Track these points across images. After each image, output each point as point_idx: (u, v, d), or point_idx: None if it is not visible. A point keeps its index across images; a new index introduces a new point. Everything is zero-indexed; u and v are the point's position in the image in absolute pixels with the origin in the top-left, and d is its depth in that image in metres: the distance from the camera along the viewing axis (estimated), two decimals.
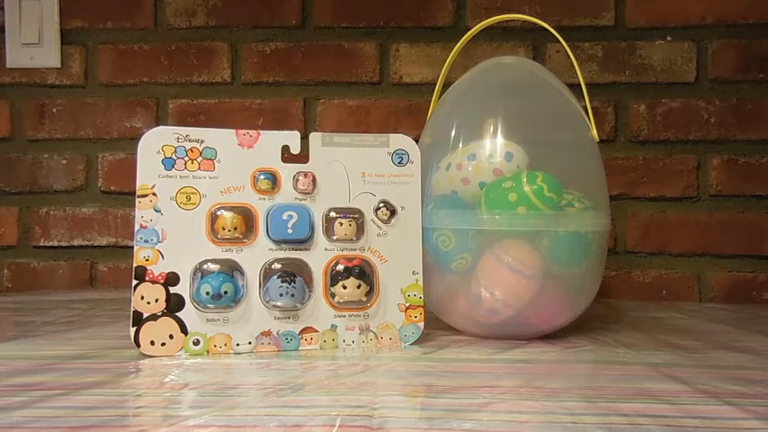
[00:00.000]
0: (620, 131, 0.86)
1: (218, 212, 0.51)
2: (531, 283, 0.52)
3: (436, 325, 0.59)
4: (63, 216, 0.90)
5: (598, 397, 0.39)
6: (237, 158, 0.52)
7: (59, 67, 0.90)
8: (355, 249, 0.53)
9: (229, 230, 0.50)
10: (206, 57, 0.89)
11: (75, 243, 0.90)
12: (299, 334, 0.51)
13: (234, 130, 0.52)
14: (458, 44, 0.62)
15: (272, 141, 0.53)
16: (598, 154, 0.58)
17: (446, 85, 0.62)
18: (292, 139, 0.53)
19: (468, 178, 0.54)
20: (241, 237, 0.51)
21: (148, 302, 0.48)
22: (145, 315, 0.48)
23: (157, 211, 0.50)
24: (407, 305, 0.54)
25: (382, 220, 0.54)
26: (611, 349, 0.52)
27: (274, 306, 0.50)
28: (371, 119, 0.88)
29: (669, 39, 0.85)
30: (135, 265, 0.49)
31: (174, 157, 0.51)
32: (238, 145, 0.52)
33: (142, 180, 0.50)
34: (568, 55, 0.58)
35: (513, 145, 0.54)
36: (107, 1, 0.89)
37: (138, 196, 0.50)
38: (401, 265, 0.54)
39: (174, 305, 0.49)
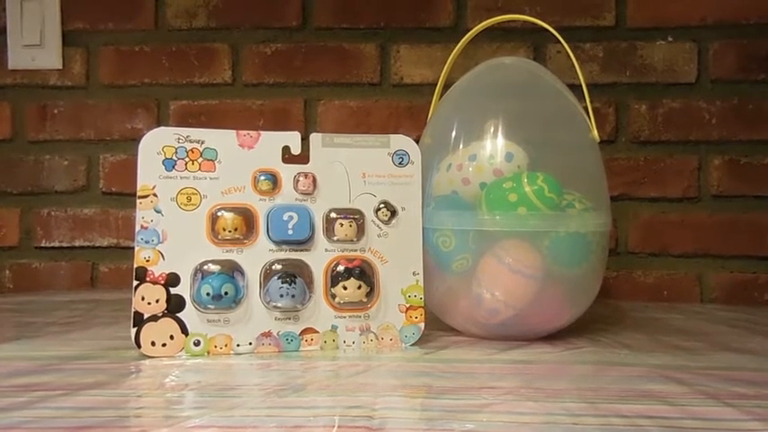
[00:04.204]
0: (620, 132, 0.86)
1: (219, 213, 0.51)
2: (532, 283, 0.52)
3: (437, 326, 0.59)
4: (64, 217, 0.90)
5: (598, 398, 0.39)
6: (238, 159, 0.52)
7: (61, 68, 0.90)
8: (356, 250, 0.53)
9: (230, 231, 0.50)
10: (207, 58, 0.89)
11: (77, 244, 0.90)
12: (299, 335, 0.51)
13: (234, 131, 0.52)
14: (458, 45, 0.62)
15: (273, 142, 0.53)
16: (599, 154, 0.58)
17: (447, 86, 0.62)
18: (293, 139, 0.53)
19: (469, 179, 0.54)
20: (241, 237, 0.51)
21: (149, 303, 0.48)
22: (145, 316, 0.48)
23: (158, 211, 0.50)
24: (408, 306, 0.54)
25: (383, 221, 0.54)
26: (612, 350, 0.52)
27: (275, 307, 0.50)
28: (372, 120, 0.88)
29: (670, 39, 0.85)
30: (136, 265, 0.49)
31: (174, 157, 0.51)
32: (239, 146, 0.52)
33: (143, 181, 0.50)
34: (569, 55, 0.58)
35: (514, 145, 0.54)
36: (108, 2, 0.89)
37: (139, 197, 0.50)
38: (402, 265, 0.54)
39: (174, 306, 0.49)
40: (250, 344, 0.50)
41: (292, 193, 0.53)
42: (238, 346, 0.50)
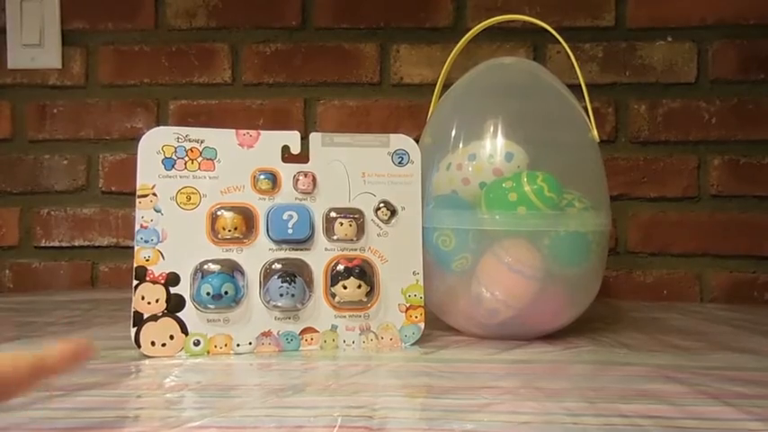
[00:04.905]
0: (620, 132, 0.86)
1: (219, 212, 0.51)
2: (532, 283, 0.52)
3: (437, 325, 0.59)
4: (64, 216, 0.90)
5: (598, 398, 0.39)
6: (238, 158, 0.52)
7: (60, 68, 0.89)
8: (356, 249, 0.53)
9: (230, 230, 0.50)
10: (207, 58, 0.89)
11: (77, 243, 0.90)
12: (299, 334, 0.51)
13: (234, 130, 0.52)
14: (458, 45, 0.62)
15: (273, 141, 0.53)
16: (598, 154, 0.58)
17: (446, 86, 0.62)
18: (292, 139, 0.53)
19: (469, 178, 0.54)
20: (241, 237, 0.51)
21: (149, 303, 0.48)
22: (145, 315, 0.48)
23: (158, 211, 0.50)
24: (408, 305, 0.54)
25: (382, 221, 0.54)
26: (612, 350, 0.52)
27: (275, 306, 0.50)
28: (372, 119, 0.88)
29: (670, 39, 0.85)
30: (135, 265, 0.49)
31: (174, 157, 0.51)
32: (238, 145, 0.52)
33: (142, 180, 0.50)
34: (569, 55, 0.58)
35: (514, 145, 0.54)
36: (108, 2, 0.89)
37: (139, 196, 0.50)
38: (401, 265, 0.54)
39: (174, 305, 0.49)
40: (250, 343, 0.50)
41: (292, 192, 0.53)
42: (238, 345, 0.50)
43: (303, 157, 0.53)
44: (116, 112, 0.90)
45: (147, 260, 0.49)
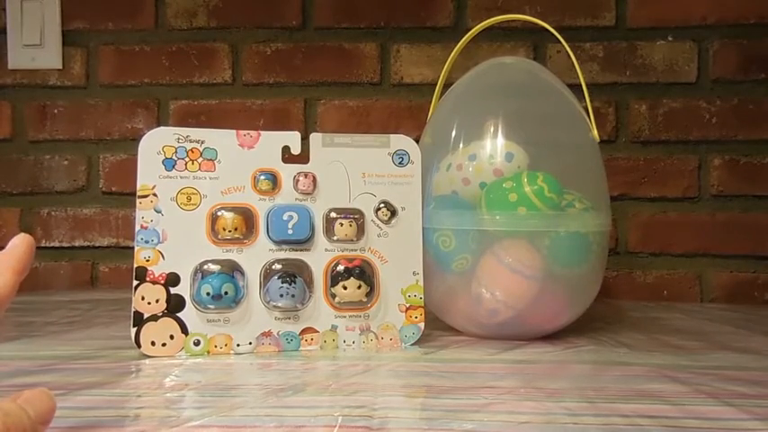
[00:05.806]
0: (620, 132, 0.86)
1: (219, 213, 0.51)
2: (532, 283, 0.52)
3: (436, 325, 0.59)
4: (64, 217, 0.90)
5: (598, 397, 0.39)
6: (238, 159, 0.52)
7: (61, 68, 0.90)
8: (356, 250, 0.53)
9: (230, 231, 0.50)
10: (207, 57, 0.89)
11: (77, 244, 0.90)
12: (299, 334, 0.51)
13: (234, 131, 0.52)
14: (458, 44, 0.62)
15: (273, 142, 0.53)
16: (599, 154, 0.58)
17: (447, 86, 0.62)
18: (293, 139, 0.53)
19: (469, 178, 0.54)
20: (241, 237, 0.51)
21: (149, 303, 0.48)
22: (145, 315, 0.48)
23: (158, 211, 0.50)
24: (408, 305, 0.54)
25: (383, 221, 0.54)
26: (612, 350, 0.52)
27: (275, 306, 0.50)
28: (372, 119, 0.88)
29: (670, 39, 0.85)
30: (136, 265, 0.49)
31: (174, 157, 0.51)
32: (239, 145, 0.52)
33: (143, 181, 0.50)
34: (569, 55, 0.58)
35: (514, 145, 0.54)
36: (108, 2, 0.89)
37: (139, 197, 0.50)
38: (402, 265, 0.54)
39: (174, 306, 0.49)
40: (250, 343, 0.50)
41: (292, 192, 0.53)
42: (238, 345, 0.50)
43: (303, 157, 0.53)
44: (116, 113, 0.90)
45: (148, 260, 0.49)
